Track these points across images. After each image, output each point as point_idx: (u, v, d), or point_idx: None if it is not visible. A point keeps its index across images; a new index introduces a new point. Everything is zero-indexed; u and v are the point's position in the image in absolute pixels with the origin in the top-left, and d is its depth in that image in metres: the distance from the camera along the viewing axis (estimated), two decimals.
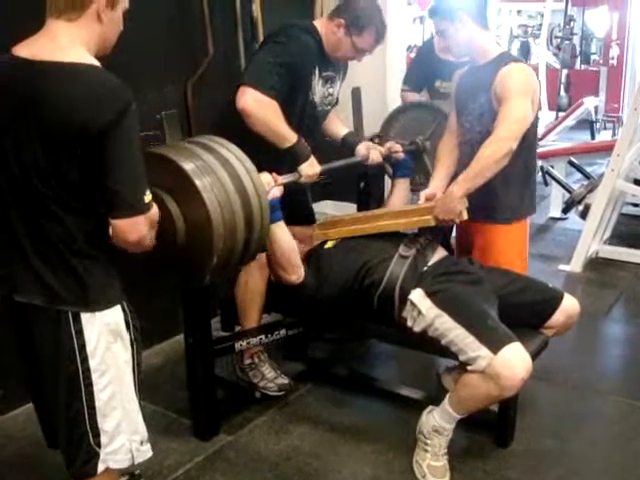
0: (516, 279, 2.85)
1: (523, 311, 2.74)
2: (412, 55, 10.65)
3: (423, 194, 3.01)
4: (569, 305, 2.83)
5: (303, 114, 3.03)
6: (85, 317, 1.79)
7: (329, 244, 2.98)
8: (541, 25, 12.30)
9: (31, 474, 2.73)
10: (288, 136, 2.86)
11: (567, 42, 11.32)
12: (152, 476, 2.67)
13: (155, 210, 1.80)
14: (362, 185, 3.58)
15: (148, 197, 1.74)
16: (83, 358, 1.80)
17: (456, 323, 2.53)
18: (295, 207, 3.22)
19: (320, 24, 3.02)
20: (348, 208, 3.85)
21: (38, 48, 1.73)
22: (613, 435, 3.03)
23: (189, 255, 2.31)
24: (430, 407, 2.69)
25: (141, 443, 1.95)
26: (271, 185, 2.68)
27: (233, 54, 3.87)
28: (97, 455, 1.87)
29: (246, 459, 2.82)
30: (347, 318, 2.95)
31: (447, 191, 2.85)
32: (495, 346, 2.42)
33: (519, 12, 13.93)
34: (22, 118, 1.69)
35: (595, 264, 5.17)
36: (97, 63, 1.74)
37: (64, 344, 1.79)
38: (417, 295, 2.65)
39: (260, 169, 2.63)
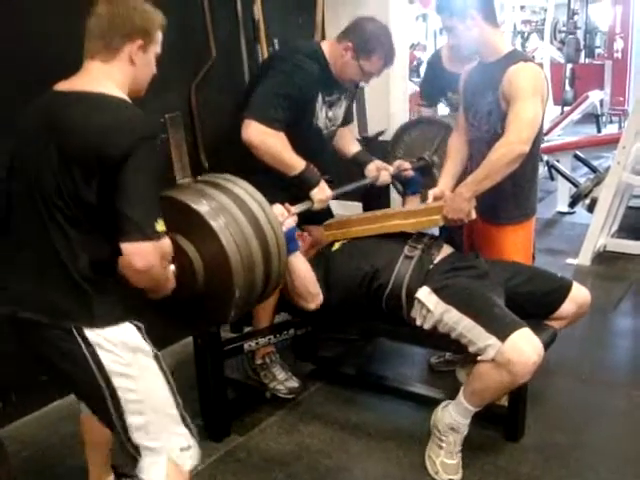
0: (522, 270, 2.85)
1: (531, 302, 2.74)
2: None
3: (431, 193, 3.00)
4: (579, 294, 2.82)
5: (308, 140, 3.01)
6: (94, 336, 1.78)
7: (336, 246, 2.98)
8: (545, 20, 12.24)
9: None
10: (296, 164, 2.87)
11: (571, 36, 11.29)
12: None
13: (167, 242, 1.79)
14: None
15: (160, 226, 1.75)
16: (105, 378, 1.80)
17: (463, 315, 2.53)
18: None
19: (327, 46, 2.99)
20: (354, 207, 3.86)
21: (72, 83, 1.84)
22: (625, 428, 3.03)
23: (210, 296, 2.30)
24: (446, 402, 2.69)
25: (181, 450, 1.94)
26: (285, 216, 2.68)
27: (235, 56, 3.88)
28: (137, 461, 1.90)
29: (257, 459, 2.82)
30: (356, 319, 2.96)
31: (456, 191, 2.84)
32: (503, 334, 2.42)
33: (522, 8, 13.89)
34: (48, 139, 1.75)
35: (603, 257, 5.16)
36: (126, 98, 1.83)
37: (80, 364, 1.80)
38: (424, 293, 2.66)
39: (272, 184, 2.65)
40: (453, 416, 2.61)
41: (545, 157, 6.37)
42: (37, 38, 2.87)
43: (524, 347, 2.41)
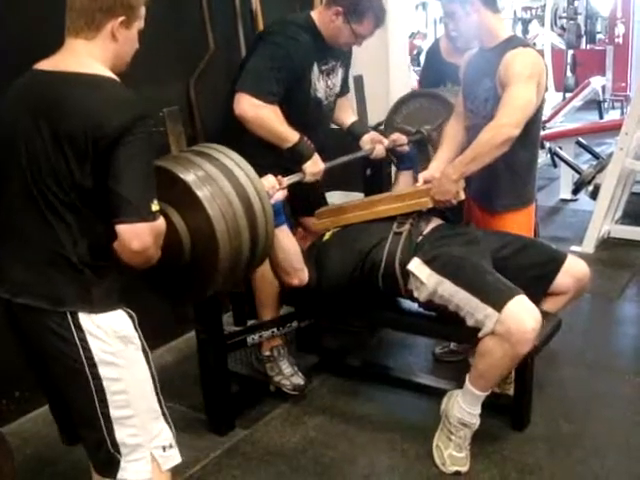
0: (513, 241, 2.83)
1: (523, 273, 2.69)
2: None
3: (421, 176, 3.01)
4: (574, 266, 2.79)
5: (306, 112, 3.00)
6: (87, 323, 1.77)
7: (327, 236, 2.99)
8: (545, 6, 12.18)
9: (47, 475, 2.74)
10: (289, 136, 2.86)
11: (572, 22, 11.23)
12: None
13: (162, 222, 1.78)
14: (368, 173, 3.56)
15: (155, 207, 1.73)
16: (91, 365, 1.78)
17: (457, 287, 2.52)
18: (308, 197, 3.21)
19: (317, 14, 2.97)
20: (356, 198, 3.83)
21: (58, 62, 1.80)
22: (631, 415, 3.01)
23: (196, 266, 2.29)
24: (455, 391, 2.67)
25: (164, 449, 1.92)
26: (275, 188, 2.65)
27: (234, 48, 3.86)
28: (118, 463, 1.87)
29: (262, 452, 2.82)
30: (357, 306, 2.95)
31: (443, 172, 2.84)
32: (499, 303, 2.42)
33: None
34: (39, 123, 1.72)
35: (607, 244, 5.14)
36: (116, 77, 1.80)
37: (69, 351, 1.78)
38: (415, 264, 2.66)
39: (272, 166, 2.62)
40: (463, 407, 2.59)
41: (547, 144, 6.35)
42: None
43: (521, 315, 2.40)
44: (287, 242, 2.78)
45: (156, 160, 2.32)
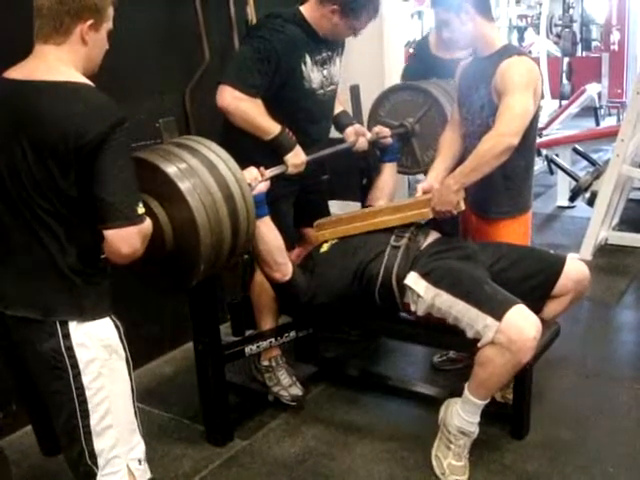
0: (509, 252, 2.82)
1: (521, 285, 2.68)
2: (411, 50, 10.65)
3: (420, 187, 2.99)
4: (574, 269, 2.78)
5: (301, 104, 2.97)
6: (75, 331, 1.78)
7: (324, 248, 2.97)
8: (540, 14, 12.22)
9: None
10: (270, 128, 2.85)
11: (567, 30, 11.26)
12: None
13: (148, 224, 1.81)
14: (365, 182, 3.56)
15: (141, 209, 1.75)
16: (75, 374, 1.79)
17: (455, 298, 2.52)
18: (310, 208, 3.20)
19: (307, 8, 2.92)
20: (353, 207, 3.83)
21: (30, 70, 1.78)
22: (631, 422, 3.01)
23: (179, 255, 2.33)
24: (454, 399, 2.65)
25: (139, 462, 1.94)
26: (258, 180, 2.65)
27: (229, 59, 3.85)
28: (94, 476, 1.87)
29: (261, 463, 2.81)
30: (355, 316, 2.94)
31: (443, 183, 2.84)
32: (498, 313, 2.41)
33: (518, 2, 13.85)
34: (17, 135, 1.72)
35: (605, 251, 5.14)
36: (90, 82, 1.79)
37: (53, 361, 1.79)
38: (412, 278, 2.65)
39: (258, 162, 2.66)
40: (462, 416, 2.57)
41: (544, 151, 6.36)
42: None
43: (521, 323, 2.40)
44: (269, 234, 2.75)
45: (138, 152, 2.33)
